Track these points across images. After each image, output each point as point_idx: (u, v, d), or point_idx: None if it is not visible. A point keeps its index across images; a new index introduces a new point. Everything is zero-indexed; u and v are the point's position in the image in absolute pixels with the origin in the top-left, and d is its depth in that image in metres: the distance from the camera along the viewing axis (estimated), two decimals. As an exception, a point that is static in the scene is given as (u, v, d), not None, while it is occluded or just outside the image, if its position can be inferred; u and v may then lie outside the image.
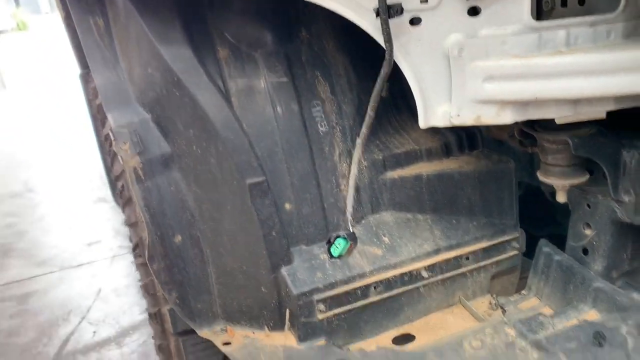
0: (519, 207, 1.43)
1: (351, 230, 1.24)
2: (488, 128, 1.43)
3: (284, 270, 1.24)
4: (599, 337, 1.07)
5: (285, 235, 1.25)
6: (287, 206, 1.26)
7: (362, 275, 1.27)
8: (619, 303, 1.14)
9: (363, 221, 1.33)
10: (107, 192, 3.02)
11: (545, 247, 1.34)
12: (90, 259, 3.05)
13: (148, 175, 1.18)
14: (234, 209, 1.21)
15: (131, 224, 1.42)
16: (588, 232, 1.28)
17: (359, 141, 1.24)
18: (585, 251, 1.29)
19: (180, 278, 1.25)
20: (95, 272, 2.92)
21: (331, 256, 1.22)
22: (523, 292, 1.41)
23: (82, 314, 2.57)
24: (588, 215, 1.26)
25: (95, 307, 2.62)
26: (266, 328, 1.28)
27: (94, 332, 2.44)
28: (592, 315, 1.18)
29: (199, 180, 1.21)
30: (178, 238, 1.23)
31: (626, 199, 1.17)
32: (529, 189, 1.59)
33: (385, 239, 1.32)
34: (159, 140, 1.20)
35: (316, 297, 1.23)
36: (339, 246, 1.21)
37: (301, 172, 1.27)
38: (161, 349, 1.49)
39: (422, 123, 1.13)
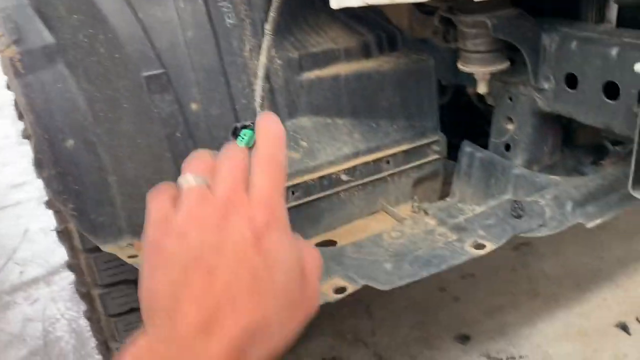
0: (452, 119, 1.37)
1: None
2: (411, 26, 1.34)
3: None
4: (517, 208, 1.02)
5: (192, 137, 1.13)
6: (194, 106, 1.14)
7: (277, 179, 1.17)
8: (538, 184, 1.10)
9: (279, 125, 1.23)
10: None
11: (467, 147, 1.28)
12: (16, 201, 2.85)
13: (29, 69, 1.02)
14: (132, 107, 1.07)
15: (27, 136, 1.26)
16: (510, 126, 1.21)
17: (267, 26, 1.12)
18: (507, 147, 1.23)
19: (76, 188, 1.11)
20: (21, 213, 2.71)
21: None
22: (447, 198, 1.35)
23: (8, 255, 2.40)
24: (510, 108, 1.20)
25: (22, 247, 2.45)
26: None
27: (21, 272, 2.26)
28: (510, 199, 1.14)
29: (89, 75, 1.06)
30: (70, 142, 1.08)
31: (546, 85, 1.10)
32: (458, 97, 1.52)
33: (303, 143, 1.22)
34: (40, 30, 1.04)
35: (228, 202, 1.13)
36: (244, 137, 1.10)
37: (207, 69, 1.13)
38: (70, 266, 1.38)
39: (334, 3, 1.02)
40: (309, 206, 1.20)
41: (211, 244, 0.43)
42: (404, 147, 1.27)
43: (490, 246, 1.00)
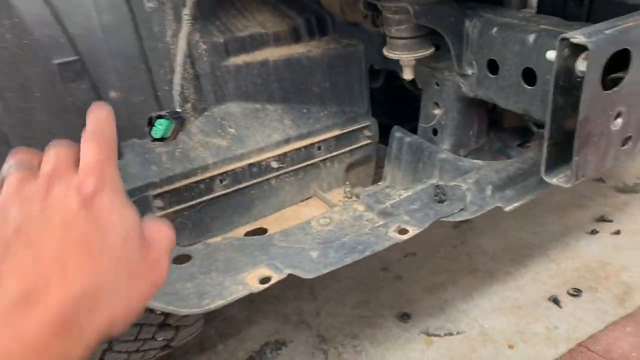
0: (386, 103, 1.35)
1: (177, 110, 1.09)
2: (342, 10, 1.31)
3: (112, 166, 1.08)
4: (439, 193, 1.02)
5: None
6: (113, 94, 1.08)
7: (205, 168, 1.13)
8: (462, 168, 1.10)
9: (206, 112, 1.18)
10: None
11: (397, 132, 1.27)
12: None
13: None
14: (45, 96, 1.01)
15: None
16: (437, 111, 1.21)
17: (186, 11, 1.07)
18: (435, 132, 1.23)
19: (-10, 181, 1.06)
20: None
21: (153, 139, 1.07)
22: (379, 183, 1.35)
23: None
24: (437, 94, 1.19)
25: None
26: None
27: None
28: (436, 184, 1.14)
29: (-4, 63, 1.00)
30: (-20, 134, 1.03)
31: (469, 71, 1.10)
32: (391, 80, 1.51)
33: (231, 130, 1.19)
34: (-62, 15, 0.97)
35: (152, 192, 1.08)
36: (160, 127, 1.06)
37: (126, 55, 1.08)
38: None
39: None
40: (239, 194, 1.18)
41: (33, 216, 0.42)
42: (336, 132, 1.26)
43: (413, 231, 1.00)
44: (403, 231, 1.01)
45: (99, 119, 0.51)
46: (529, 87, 1.00)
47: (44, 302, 0.39)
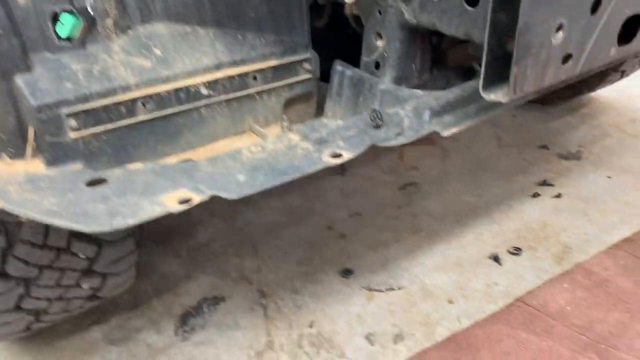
0: (331, 44, 1.27)
1: (86, 6, 0.97)
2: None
3: (19, 79, 0.96)
4: (376, 118, 0.96)
5: (20, 35, 0.96)
6: (21, 0, 0.97)
7: (125, 88, 1.03)
8: (401, 97, 1.04)
9: (130, 31, 1.08)
10: None
11: (338, 66, 1.20)
12: None
13: None
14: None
15: None
16: (379, 43, 1.14)
17: None
18: (377, 65, 1.17)
19: None
20: None
21: (58, 37, 0.96)
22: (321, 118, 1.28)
23: None
24: (379, 23, 1.13)
25: None
26: (5, 156, 1.01)
27: None
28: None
29: None
30: None
31: (411, -6, 1.04)
32: (336, 21, 1.43)
33: (157, 51, 1.08)
34: None
35: (65, 110, 0.97)
36: (66, 24, 0.95)
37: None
38: None
39: None
40: (164, 121, 1.08)
41: None
42: (273, 62, 1.17)
43: (347, 155, 0.93)
44: (336, 155, 0.94)
45: None
46: (471, 9, 0.95)
47: None
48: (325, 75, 1.30)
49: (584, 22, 0.83)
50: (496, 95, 0.81)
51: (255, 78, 1.15)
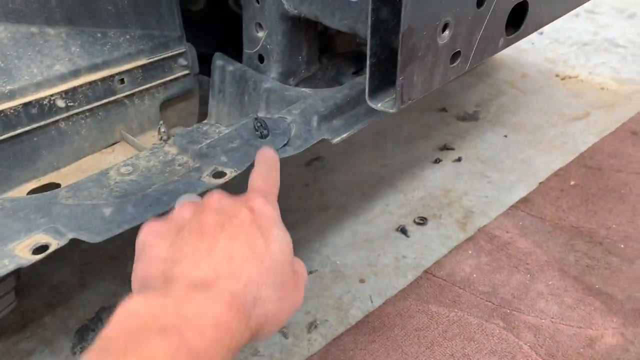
0: (210, 30, 1.12)
1: None
2: None
3: None
4: (260, 127, 0.86)
5: None
6: None
7: (-44, 112, 0.85)
8: (289, 98, 0.94)
9: (-44, 37, 0.88)
10: None
11: (218, 60, 1.07)
12: None
13: None
14: None
15: None
16: (261, 34, 1.02)
17: None
18: (261, 59, 1.05)
19: None
20: None
21: None
22: (204, 121, 1.15)
23: None
24: (258, 12, 1.00)
25: None
26: None
27: None
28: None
29: None
30: None
31: (287, -17, 0.92)
32: (214, 4, 1.27)
33: (-4, 61, 0.90)
34: None
35: None
36: None
37: None
38: None
39: None
40: (15, 143, 0.91)
41: (209, 217, 0.48)
42: (141, 61, 1.02)
43: (230, 173, 0.82)
44: (219, 174, 0.83)
45: (267, 161, 0.59)
46: (354, 0, 0.85)
47: (217, 286, 0.43)
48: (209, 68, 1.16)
49: (470, 17, 0.76)
50: (384, 105, 0.73)
51: (122, 81, 0.99)
